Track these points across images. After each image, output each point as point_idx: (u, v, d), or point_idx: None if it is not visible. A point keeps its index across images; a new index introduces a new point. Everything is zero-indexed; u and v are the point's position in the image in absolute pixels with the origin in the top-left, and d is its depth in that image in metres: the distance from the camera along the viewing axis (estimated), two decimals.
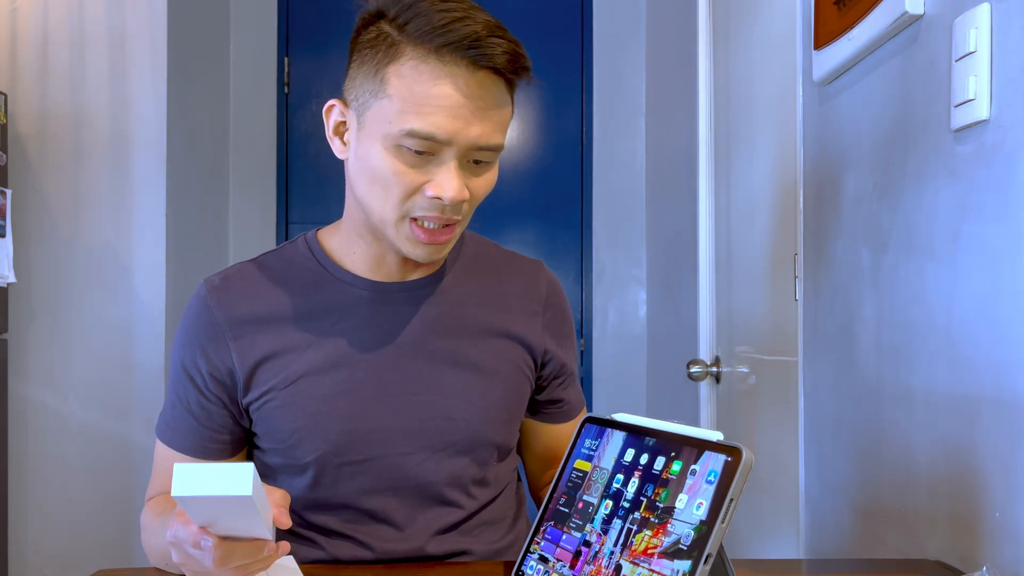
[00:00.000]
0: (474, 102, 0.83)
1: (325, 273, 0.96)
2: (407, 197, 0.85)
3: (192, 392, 0.94)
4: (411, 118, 0.82)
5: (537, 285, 1.04)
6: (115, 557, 2.29)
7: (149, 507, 0.96)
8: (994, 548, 0.88)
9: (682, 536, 0.63)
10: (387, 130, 0.83)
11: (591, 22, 3.02)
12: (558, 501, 0.76)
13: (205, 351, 0.93)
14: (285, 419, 0.92)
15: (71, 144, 2.30)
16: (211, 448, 0.96)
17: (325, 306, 0.94)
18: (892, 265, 1.11)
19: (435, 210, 0.85)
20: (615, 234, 3.00)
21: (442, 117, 0.82)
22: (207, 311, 0.94)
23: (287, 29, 2.97)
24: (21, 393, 2.28)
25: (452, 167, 0.84)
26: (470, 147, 0.84)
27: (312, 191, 2.96)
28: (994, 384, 0.88)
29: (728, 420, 1.85)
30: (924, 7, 1.02)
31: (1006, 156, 0.86)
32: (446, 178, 0.84)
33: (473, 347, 0.97)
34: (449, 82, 0.82)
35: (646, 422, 0.74)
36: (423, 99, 0.82)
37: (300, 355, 0.93)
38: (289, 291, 0.95)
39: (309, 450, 0.93)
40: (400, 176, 0.84)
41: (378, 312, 0.95)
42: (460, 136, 0.83)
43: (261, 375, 0.92)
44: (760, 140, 1.65)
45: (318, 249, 0.97)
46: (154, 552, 0.91)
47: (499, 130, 0.86)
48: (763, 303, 1.64)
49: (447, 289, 0.98)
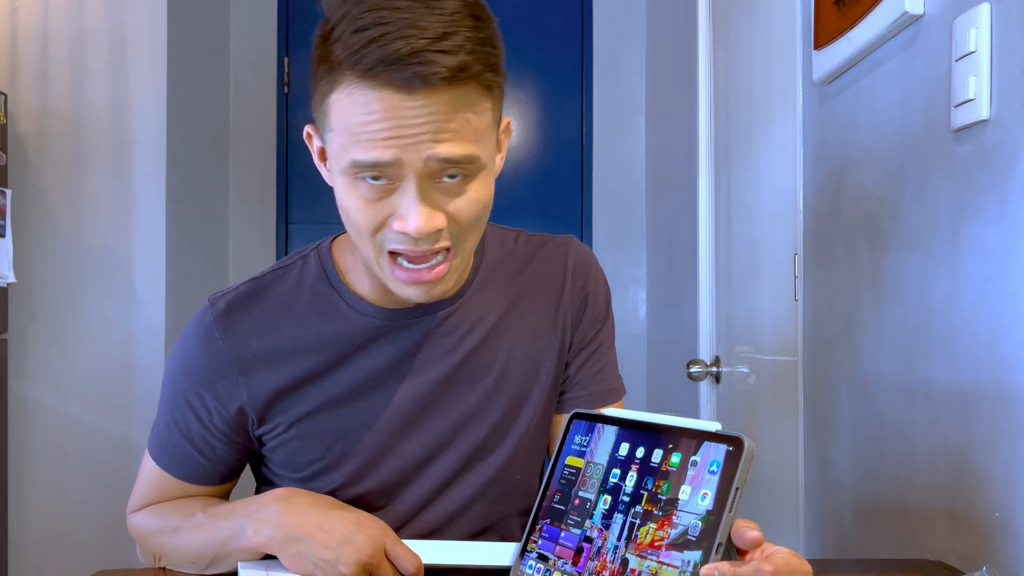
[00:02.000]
0: (420, 120, 0.71)
1: (339, 300, 0.89)
2: (375, 231, 0.76)
3: (195, 425, 0.89)
4: (352, 149, 0.73)
5: (560, 273, 0.96)
6: (115, 557, 2.29)
7: (152, 512, 0.93)
8: (994, 548, 0.89)
9: (689, 527, 0.63)
10: (339, 164, 0.75)
11: (591, 22, 3.02)
12: (552, 499, 0.76)
13: (212, 386, 0.87)
14: (301, 452, 0.89)
15: (71, 144, 2.30)
16: (212, 476, 0.92)
17: (339, 336, 0.88)
18: (892, 265, 1.11)
19: (407, 244, 0.76)
20: (615, 234, 3.00)
21: (383, 143, 0.72)
22: (213, 343, 0.87)
23: (287, 29, 2.97)
24: (21, 393, 2.28)
25: (412, 195, 0.73)
26: (428, 164, 0.73)
27: (312, 191, 2.96)
28: (994, 384, 0.88)
29: (728, 420, 1.85)
30: (924, 7, 1.02)
31: (1006, 156, 0.86)
32: (408, 208, 0.74)
33: (494, 369, 0.92)
34: (383, 106, 0.71)
35: (636, 415, 0.74)
36: (359, 129, 0.72)
37: (315, 387, 0.88)
38: (301, 320, 0.88)
39: (326, 483, 0.89)
40: (362, 212, 0.76)
41: (394, 340, 0.89)
42: (410, 157, 0.72)
43: (275, 410, 0.88)
44: (760, 140, 1.65)
45: (332, 270, 0.90)
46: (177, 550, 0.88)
47: (463, 139, 0.73)
48: (763, 303, 1.64)
49: (465, 310, 0.91)
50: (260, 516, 0.81)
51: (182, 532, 0.88)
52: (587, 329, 0.98)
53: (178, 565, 0.89)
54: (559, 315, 0.96)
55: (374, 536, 0.77)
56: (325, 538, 0.77)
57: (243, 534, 0.81)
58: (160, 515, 0.92)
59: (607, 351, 1.01)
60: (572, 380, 0.98)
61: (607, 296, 1.00)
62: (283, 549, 0.79)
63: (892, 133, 1.11)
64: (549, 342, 0.95)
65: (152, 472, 0.93)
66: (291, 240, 2.92)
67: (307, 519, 0.79)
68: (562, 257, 0.97)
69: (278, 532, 0.79)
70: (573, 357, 0.98)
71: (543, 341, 0.95)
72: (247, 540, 0.81)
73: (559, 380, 0.97)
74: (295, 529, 0.78)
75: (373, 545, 0.76)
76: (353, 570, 0.75)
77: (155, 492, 0.94)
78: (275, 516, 0.80)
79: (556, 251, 0.98)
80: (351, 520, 0.78)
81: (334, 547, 0.76)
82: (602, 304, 0.99)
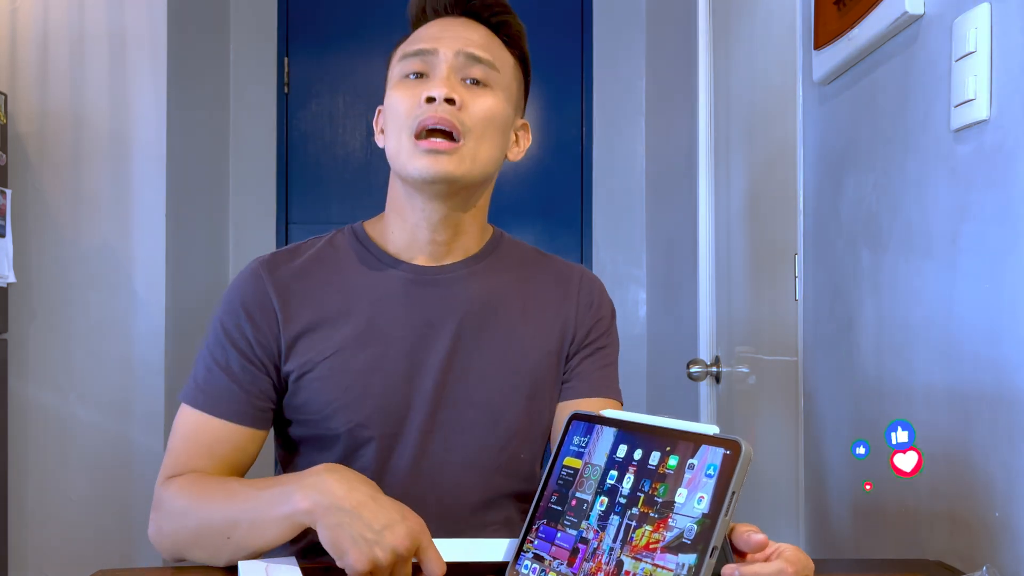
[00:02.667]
0: (457, 28, 0.97)
1: (366, 253, 1.01)
2: (411, 111, 0.93)
3: (235, 356, 0.95)
4: (405, 48, 0.97)
5: (572, 277, 1.07)
6: (115, 557, 2.29)
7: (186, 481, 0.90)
8: (994, 548, 0.88)
9: (684, 530, 0.63)
10: (393, 74, 0.98)
11: (591, 22, 3.02)
12: (549, 499, 0.76)
13: (252, 317, 0.96)
14: (321, 391, 0.96)
15: (71, 144, 2.30)
16: (249, 413, 0.95)
17: (363, 284, 0.99)
18: (892, 265, 1.11)
19: (431, 110, 0.92)
20: (615, 234, 3.00)
21: (426, 38, 0.96)
22: (257, 280, 0.98)
23: (287, 29, 2.97)
24: (21, 393, 2.28)
25: (442, 72, 0.94)
26: (457, 56, 0.95)
27: (312, 191, 2.96)
28: (994, 383, 0.88)
29: (728, 420, 1.85)
30: (924, 7, 1.02)
31: (1006, 156, 0.86)
32: (436, 79, 0.94)
33: (502, 333, 1.00)
34: (433, 23, 0.99)
35: (635, 417, 0.74)
36: (414, 38, 0.98)
37: (337, 329, 0.97)
38: (333, 269, 1.00)
39: (341, 423, 0.95)
40: (404, 97, 0.94)
41: (413, 293, 0.99)
42: (444, 42, 0.95)
43: (300, 346, 0.96)
44: (760, 140, 1.65)
45: (362, 233, 1.03)
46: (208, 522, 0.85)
47: (489, 53, 0.97)
48: (763, 303, 1.64)
49: (480, 275, 1.02)
50: (309, 482, 0.80)
51: (217, 501, 0.86)
52: (592, 327, 1.05)
53: (203, 538, 0.85)
54: (564, 312, 1.04)
55: (414, 531, 0.77)
56: (370, 517, 0.76)
57: (289, 499, 0.79)
58: (195, 482, 0.90)
59: (611, 356, 1.07)
60: (574, 370, 1.04)
61: (612, 313, 1.09)
62: (325, 517, 0.77)
63: (892, 133, 1.11)
64: (553, 332, 1.03)
65: (187, 421, 0.95)
66: (291, 240, 2.91)
67: (356, 495, 0.78)
68: (575, 273, 1.08)
69: (326, 499, 0.78)
70: (576, 350, 1.05)
71: (549, 328, 1.03)
72: (292, 505, 0.79)
73: (561, 369, 1.03)
74: (343, 500, 0.78)
75: (412, 539, 0.76)
76: (388, 556, 0.75)
77: (190, 443, 0.94)
78: (325, 484, 0.79)
79: (568, 267, 1.09)
80: (396, 509, 0.79)
81: (377, 529, 0.76)
82: (607, 316, 1.08)
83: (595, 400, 1.02)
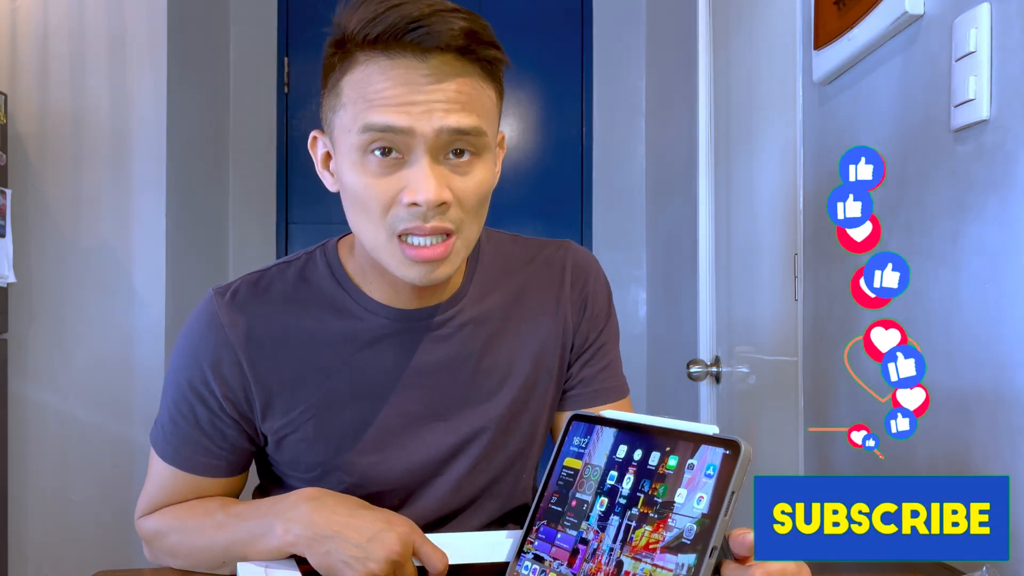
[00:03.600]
0: (432, 85, 0.75)
1: (346, 297, 0.90)
2: (386, 211, 0.78)
3: (203, 412, 0.88)
4: (366, 114, 0.76)
5: (559, 273, 0.98)
6: (115, 557, 2.29)
7: (166, 514, 0.91)
8: None
9: (684, 530, 0.63)
10: (349, 141, 0.78)
11: (591, 22, 3.02)
12: (549, 500, 0.76)
13: (218, 372, 0.87)
14: (308, 452, 0.90)
15: (71, 144, 2.30)
16: (222, 467, 0.91)
17: (346, 333, 0.89)
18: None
19: (417, 219, 0.78)
20: (615, 234, 3.00)
21: (396, 109, 0.75)
22: (218, 330, 0.87)
23: (287, 29, 2.97)
24: (21, 393, 2.28)
25: (424, 165, 0.76)
26: (439, 135, 0.76)
27: (312, 191, 2.95)
28: (994, 383, 0.88)
29: (728, 420, 1.85)
30: (924, 7, 1.02)
31: (1006, 156, 0.86)
32: (418, 178, 0.76)
33: (498, 370, 0.93)
34: (399, 73, 0.75)
35: (634, 418, 0.74)
36: (373, 96, 0.76)
37: (321, 384, 0.88)
38: (307, 313, 0.89)
39: (333, 483, 0.90)
40: (372, 188, 0.78)
41: (400, 341, 0.90)
42: (422, 127, 0.75)
43: (279, 403, 0.88)
44: (760, 140, 1.65)
45: (339, 268, 0.91)
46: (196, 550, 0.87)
47: (472, 112, 0.77)
48: (763, 303, 1.64)
49: (468, 310, 0.93)
50: (289, 515, 0.80)
51: (202, 532, 0.87)
52: (589, 329, 0.99)
53: (195, 567, 0.88)
54: (559, 316, 0.97)
55: (403, 534, 0.77)
56: (355, 536, 0.76)
57: (271, 533, 0.80)
58: (176, 516, 0.90)
59: (610, 350, 1.02)
60: (575, 377, 0.99)
61: (608, 296, 1.01)
62: (312, 548, 0.78)
63: (892, 133, 1.11)
64: (550, 343, 0.96)
65: (160, 472, 0.91)
66: (291, 240, 2.92)
67: (336, 518, 0.78)
68: (560, 259, 0.99)
69: (308, 531, 0.78)
70: (576, 357, 0.99)
71: (544, 342, 0.96)
72: (276, 539, 0.80)
73: (561, 380, 0.98)
74: (325, 528, 0.78)
75: (402, 543, 0.76)
76: (383, 567, 0.75)
77: (165, 493, 0.92)
78: (304, 515, 0.79)
79: (554, 253, 0.99)
80: (380, 518, 0.78)
81: (363, 544, 0.76)
82: (603, 304, 1.00)
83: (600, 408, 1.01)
